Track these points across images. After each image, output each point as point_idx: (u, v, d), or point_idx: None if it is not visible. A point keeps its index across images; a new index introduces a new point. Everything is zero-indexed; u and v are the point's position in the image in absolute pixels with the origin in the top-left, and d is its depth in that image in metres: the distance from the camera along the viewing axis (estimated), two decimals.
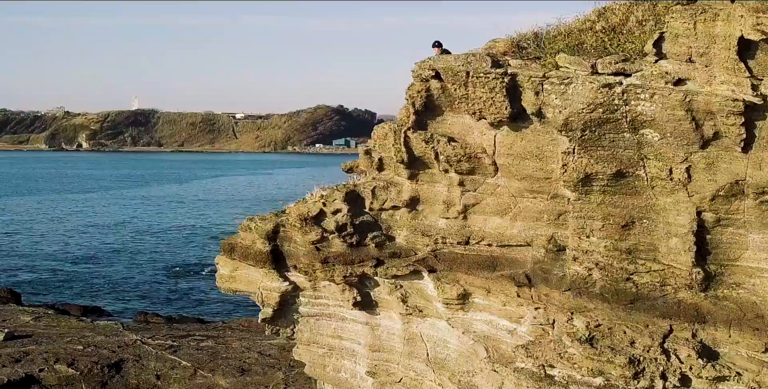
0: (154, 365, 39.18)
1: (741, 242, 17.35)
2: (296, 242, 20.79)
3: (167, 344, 42.27)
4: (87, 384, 37.42)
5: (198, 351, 41.27)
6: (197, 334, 44.72)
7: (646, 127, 16.99)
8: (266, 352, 40.97)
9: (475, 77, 17.78)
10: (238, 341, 43.15)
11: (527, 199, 18.89)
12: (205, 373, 38.27)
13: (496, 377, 18.47)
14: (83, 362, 38.96)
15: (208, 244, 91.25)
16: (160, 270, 74.89)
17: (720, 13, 15.59)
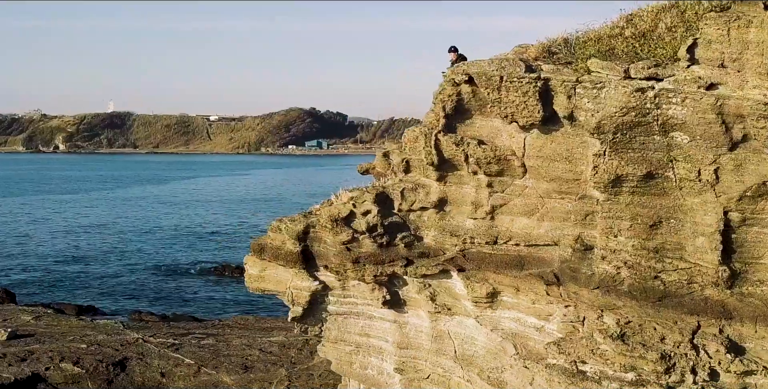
0: (158, 363, 38.92)
1: (765, 241, 17.56)
2: (326, 243, 20.67)
3: (169, 342, 41.99)
4: (93, 382, 37.10)
5: (200, 348, 41.01)
6: (197, 332, 44.46)
7: (677, 130, 17.08)
8: (267, 349, 40.80)
9: (509, 82, 17.77)
10: (238, 338, 42.94)
11: (555, 200, 18.89)
12: (209, 370, 38.05)
13: (527, 373, 18.44)
14: (88, 360, 38.63)
15: (194, 243, 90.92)
16: (149, 270, 74.36)
17: (753, 20, 15.72)
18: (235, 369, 38.01)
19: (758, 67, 15.76)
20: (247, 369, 38.06)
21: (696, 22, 16.89)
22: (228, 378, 37.01)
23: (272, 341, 42.20)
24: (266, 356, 39.82)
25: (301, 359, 39.17)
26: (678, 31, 17.13)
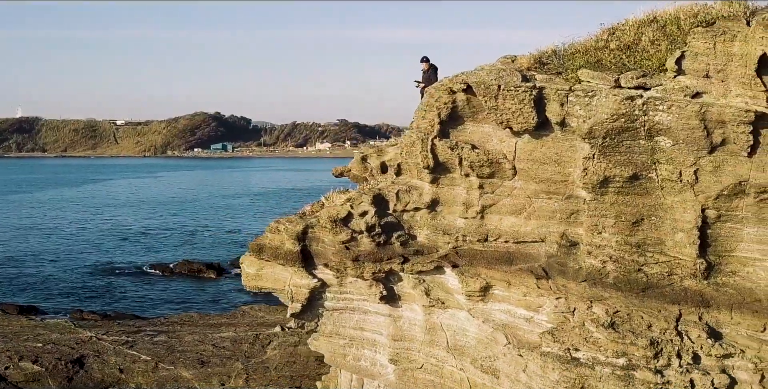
0: (115, 359, 38.15)
1: (737, 236, 18.17)
2: (324, 243, 20.62)
3: (122, 339, 41.18)
4: (54, 380, 36.20)
5: (154, 345, 40.33)
6: (148, 329, 43.65)
7: (661, 134, 17.57)
8: (220, 345, 40.32)
9: (506, 90, 18.01)
10: (189, 335, 42.30)
11: (542, 199, 19.23)
12: (166, 366, 37.45)
13: (520, 361, 18.70)
14: (47, 359, 37.65)
15: (121, 244, 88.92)
16: (81, 270, 72.37)
17: (738, 35, 16.29)
18: (192, 364, 37.49)
19: (742, 78, 16.32)
20: (204, 363, 37.57)
21: (679, 35, 17.39)
22: (187, 373, 36.50)
23: (223, 337, 41.72)
24: (220, 351, 39.35)
25: (254, 353, 38.85)
26: (662, 44, 17.58)
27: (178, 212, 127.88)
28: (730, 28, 16.39)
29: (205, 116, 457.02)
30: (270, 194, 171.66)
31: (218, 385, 35.34)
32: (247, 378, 35.66)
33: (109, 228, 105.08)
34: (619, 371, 17.61)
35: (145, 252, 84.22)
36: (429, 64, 24.75)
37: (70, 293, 63.21)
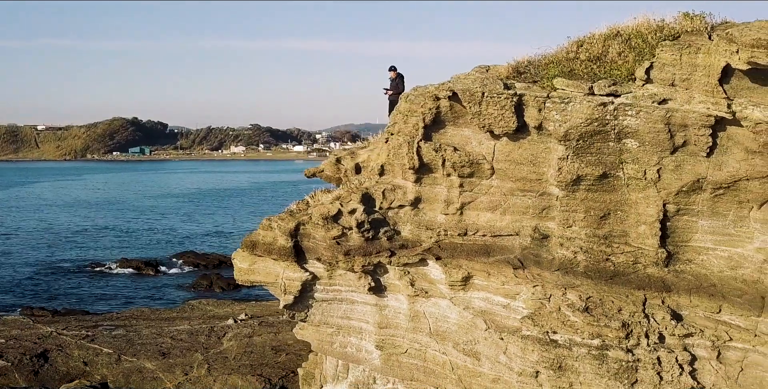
0: (78, 353, 37.33)
1: (693, 228, 18.84)
2: (316, 238, 20.63)
3: (82, 334, 40.28)
4: (20, 374, 35.26)
5: (113, 338, 39.56)
6: (105, 324, 42.75)
7: (629, 137, 18.13)
8: (177, 337, 39.78)
9: (490, 97, 18.35)
10: (146, 328, 41.60)
11: (517, 197, 19.60)
12: (129, 358, 36.83)
13: (500, 343, 19.05)
14: (11, 354, 36.62)
15: (56, 243, 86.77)
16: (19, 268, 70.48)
17: (702, 48, 16.94)
18: (154, 356, 36.93)
19: (705, 86, 17.01)
20: (165, 355, 37.04)
21: (645, 48, 18.01)
22: (150, 364, 35.94)
23: (179, 329, 41.18)
24: (179, 343, 38.84)
25: (212, 344, 38.47)
26: (629, 55, 18.16)
27: (108, 213, 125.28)
28: (694, 42, 17.03)
29: (123, 121, 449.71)
30: (194, 195, 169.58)
31: (182, 375, 34.92)
32: (209, 368, 35.30)
33: (44, 228, 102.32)
34: (594, 351, 18.09)
35: (82, 251, 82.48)
36: (396, 73, 25.03)
37: (12, 290, 61.49)
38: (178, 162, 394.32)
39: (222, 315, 45.17)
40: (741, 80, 16.72)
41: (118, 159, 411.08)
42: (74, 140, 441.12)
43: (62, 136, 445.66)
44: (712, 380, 18.06)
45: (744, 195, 18.02)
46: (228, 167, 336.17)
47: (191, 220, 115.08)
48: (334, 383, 21.30)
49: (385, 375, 20.65)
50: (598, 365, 18.10)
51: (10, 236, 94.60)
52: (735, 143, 17.54)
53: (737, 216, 18.39)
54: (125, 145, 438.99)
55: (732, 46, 16.03)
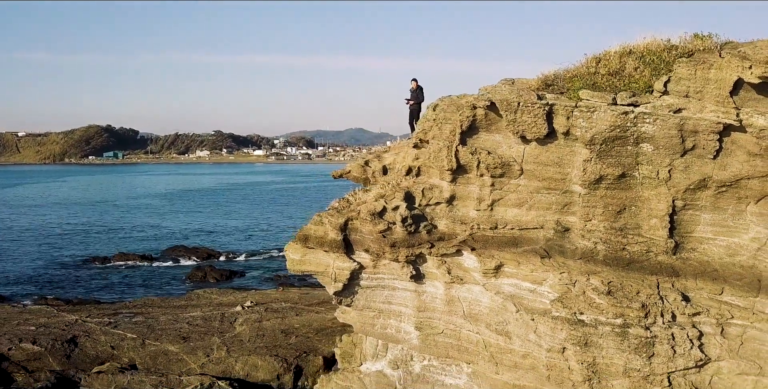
0: (104, 338, 36.70)
1: (696, 220, 19.26)
2: (362, 232, 20.63)
3: (105, 321, 39.59)
4: (54, 358, 34.60)
5: (135, 325, 38.94)
6: (124, 312, 42.05)
7: (646, 142, 18.49)
8: (193, 323, 39.29)
9: (524, 106, 18.56)
10: (163, 315, 41.01)
11: (542, 194, 19.84)
12: (152, 342, 36.32)
13: (531, 323, 19.28)
14: (43, 340, 35.89)
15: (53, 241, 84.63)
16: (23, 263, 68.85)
17: (714, 64, 17.38)
18: (175, 340, 36.47)
19: (716, 97, 17.45)
20: (185, 339, 36.59)
21: (659, 64, 18.38)
22: (173, 347, 35.50)
23: (193, 316, 40.67)
24: (195, 328, 38.39)
25: (225, 329, 38.11)
26: (646, 70, 18.50)
27: (96, 212, 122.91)
28: (708, 59, 17.46)
29: (98, 128, 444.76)
30: (171, 195, 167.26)
31: (204, 357, 34.54)
32: (228, 350, 34.98)
33: (39, 226, 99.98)
34: (618, 329, 18.41)
35: (80, 246, 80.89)
36: (417, 85, 25.10)
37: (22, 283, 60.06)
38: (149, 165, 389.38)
39: (227, 302, 44.72)
40: (748, 92, 17.20)
41: (93, 163, 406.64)
42: (53, 145, 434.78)
43: (41, 141, 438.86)
44: (717, 353, 18.51)
45: (744, 192, 18.49)
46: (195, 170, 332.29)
47: (174, 217, 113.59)
48: (373, 360, 21.30)
49: (422, 352, 20.73)
50: (620, 341, 18.42)
51: (9, 233, 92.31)
52: (738, 146, 17.99)
53: (736, 210, 18.88)
54: (100, 150, 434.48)
55: (745, 62, 16.46)
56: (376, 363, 21.23)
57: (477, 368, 20.23)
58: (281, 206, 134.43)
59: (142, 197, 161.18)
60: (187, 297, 47.26)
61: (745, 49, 16.62)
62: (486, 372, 20.07)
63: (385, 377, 21.04)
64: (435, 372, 20.65)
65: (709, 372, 18.56)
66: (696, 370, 18.52)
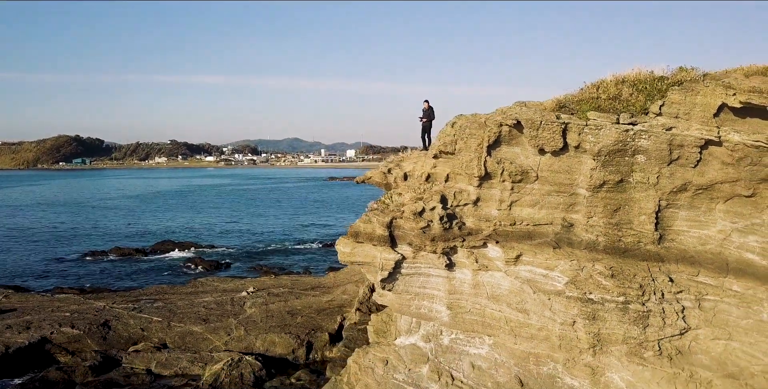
0: (133, 322, 36.01)
1: (674, 216, 20.02)
2: (405, 229, 20.75)
3: (130, 307, 38.73)
4: (92, 340, 33.86)
5: (157, 309, 38.21)
6: (144, 298, 41.13)
7: (640, 153, 19.20)
8: (208, 306, 38.80)
9: (545, 124, 19.08)
10: (179, 301, 40.29)
11: (551, 196, 20.36)
12: (177, 324, 35.74)
13: (546, 302, 19.82)
14: (80, 324, 35.02)
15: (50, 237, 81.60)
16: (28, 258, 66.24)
17: (700, 91, 18.24)
18: (197, 321, 35.99)
19: (701, 118, 18.32)
20: (206, 321, 36.15)
21: (651, 91, 19.16)
22: (196, 328, 35.03)
23: (206, 301, 40.11)
24: (211, 311, 37.91)
25: (237, 311, 37.75)
26: (640, 96, 19.25)
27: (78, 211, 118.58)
28: (695, 87, 18.32)
29: (67, 138, 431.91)
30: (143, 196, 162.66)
31: (226, 335, 34.19)
32: (246, 329, 34.69)
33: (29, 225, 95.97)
34: (620, 305, 19.08)
35: (75, 242, 78.20)
36: (429, 105, 25.42)
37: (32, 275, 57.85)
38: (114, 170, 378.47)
39: (231, 288, 44.13)
40: (727, 114, 18.10)
41: (64, 168, 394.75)
42: (26, 153, 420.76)
43: (16, 149, 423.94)
44: (696, 322, 19.35)
45: (715, 194, 19.37)
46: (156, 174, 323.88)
47: (151, 216, 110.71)
48: (407, 335, 21.50)
49: (451, 328, 21.04)
50: (622, 315, 19.10)
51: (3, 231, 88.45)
52: (714, 157, 18.88)
53: (707, 208, 19.73)
54: (69, 156, 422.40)
55: (729, 91, 17.36)
56: (410, 338, 21.42)
57: (497, 340, 20.64)
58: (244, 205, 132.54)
59: (116, 198, 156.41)
60: (193, 285, 46.40)
61: (728, 80, 17.53)
62: (506, 343, 20.52)
63: (418, 348, 21.26)
64: (461, 343, 20.97)
65: (689, 338, 19.36)
66: (679, 337, 19.28)
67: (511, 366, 20.38)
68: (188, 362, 30.35)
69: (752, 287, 19.11)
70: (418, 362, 21.17)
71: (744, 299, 19.13)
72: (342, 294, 39.68)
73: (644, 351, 19.27)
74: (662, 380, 19.08)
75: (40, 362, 31.90)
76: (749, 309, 19.11)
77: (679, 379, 19.05)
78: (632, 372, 19.29)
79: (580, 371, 19.74)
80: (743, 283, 19.21)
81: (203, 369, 29.67)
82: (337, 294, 39.89)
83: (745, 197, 18.99)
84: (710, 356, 19.25)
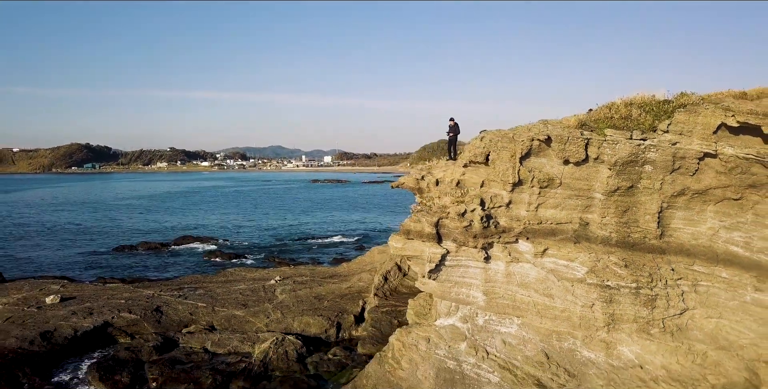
0: (181, 307, 35.64)
1: (672, 216, 20.62)
2: (449, 227, 21.01)
3: (176, 294, 38.29)
4: (148, 323, 33.45)
5: (200, 296, 37.85)
6: (186, 287, 40.67)
7: (648, 164, 19.78)
8: (244, 293, 38.55)
9: (572, 139, 19.53)
10: (218, 288, 39.95)
11: (571, 199, 20.81)
12: (221, 309, 35.46)
13: (569, 288, 20.30)
14: (136, 310, 34.58)
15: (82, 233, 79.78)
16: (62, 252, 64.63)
17: (701, 113, 18.85)
18: (238, 306, 35.77)
19: (702, 135, 18.94)
20: (245, 305, 35.94)
21: (658, 112, 19.72)
22: (238, 312, 34.83)
23: (240, 288, 39.84)
24: (248, 297, 37.69)
25: (271, 297, 37.60)
26: (648, 116, 19.80)
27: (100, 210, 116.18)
28: (697, 109, 18.92)
29: (79, 145, 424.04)
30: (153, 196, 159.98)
31: (265, 318, 34.06)
32: (282, 313, 34.59)
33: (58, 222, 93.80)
34: (633, 290, 19.64)
35: (106, 238, 76.62)
36: (455, 122, 25.71)
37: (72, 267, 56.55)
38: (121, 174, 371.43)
39: (258, 277, 43.87)
40: (724, 132, 18.73)
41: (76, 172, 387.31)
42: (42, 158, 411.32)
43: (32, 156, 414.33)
44: (692, 304, 20.00)
45: (708, 197, 20.03)
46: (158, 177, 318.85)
47: (166, 214, 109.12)
48: (446, 317, 21.78)
49: (485, 310, 21.36)
50: (634, 298, 19.66)
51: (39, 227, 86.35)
52: (710, 167, 19.53)
53: (700, 209, 20.38)
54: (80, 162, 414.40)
55: (728, 112, 17.98)
56: (449, 319, 21.70)
57: (525, 320, 21.03)
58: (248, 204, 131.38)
59: (129, 198, 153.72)
60: (223, 274, 46.00)
61: (727, 103, 18.17)
62: (532, 323, 20.92)
63: (456, 328, 21.55)
64: (493, 323, 21.31)
65: (687, 317, 20.01)
66: (679, 316, 19.92)
67: (537, 342, 20.77)
68: (238, 342, 30.20)
69: (738, 274, 19.78)
70: (457, 339, 21.44)
71: (731, 284, 19.79)
72: (358, 281, 39.78)
73: (651, 328, 19.82)
74: (666, 352, 19.65)
75: (102, 343, 31.45)
76: (735, 292, 19.78)
77: (680, 351, 19.64)
78: (641, 346, 19.82)
79: (596, 345, 20.21)
80: (730, 271, 19.86)
81: (252, 348, 29.56)
82: (354, 281, 39.97)
83: (733, 199, 19.62)
84: (703, 332, 19.88)
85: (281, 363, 28.04)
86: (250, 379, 26.27)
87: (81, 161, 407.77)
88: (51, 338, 30.17)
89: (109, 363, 27.54)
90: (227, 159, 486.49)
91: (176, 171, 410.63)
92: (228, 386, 25.78)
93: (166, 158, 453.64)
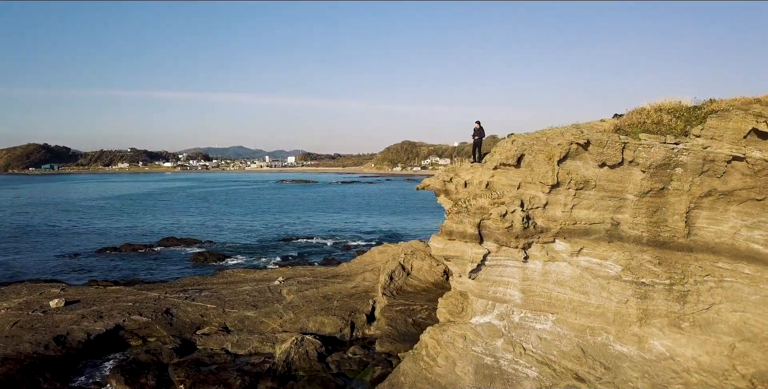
0: (191, 309, 35.12)
1: (698, 215, 21.22)
2: (491, 228, 21.26)
3: (182, 296, 37.67)
4: (159, 326, 32.88)
5: (207, 298, 37.31)
6: (190, 289, 39.97)
7: (679, 167, 20.44)
8: (251, 294, 38.16)
9: (610, 143, 20.06)
10: (223, 290, 39.41)
11: (603, 200, 21.37)
12: (231, 310, 35.04)
13: (605, 285, 20.82)
14: (146, 312, 33.94)
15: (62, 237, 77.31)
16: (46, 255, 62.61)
17: (732, 118, 19.59)
18: (247, 307, 35.41)
19: (731, 139, 19.68)
20: (255, 306, 35.61)
21: (689, 118, 20.42)
22: (250, 313, 34.50)
23: (246, 289, 39.40)
24: (255, 298, 37.34)
25: (279, 298, 37.33)
26: (679, 122, 20.47)
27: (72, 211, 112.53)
28: (728, 115, 19.65)
29: (36, 146, 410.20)
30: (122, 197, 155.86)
31: (278, 319, 33.82)
32: (294, 313, 34.38)
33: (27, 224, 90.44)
34: (666, 287, 20.27)
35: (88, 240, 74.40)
36: (480, 125, 26.03)
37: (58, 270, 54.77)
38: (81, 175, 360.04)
39: (260, 278, 43.45)
40: (752, 136, 19.50)
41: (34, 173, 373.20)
42: None
43: None
44: (719, 299, 20.72)
45: (733, 198, 20.77)
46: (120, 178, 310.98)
47: (142, 215, 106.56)
48: (482, 315, 22.08)
49: (521, 308, 21.73)
50: (667, 294, 20.30)
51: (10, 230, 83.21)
52: (736, 170, 20.27)
53: (723, 209, 21.09)
54: (38, 162, 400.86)
55: (760, 118, 18.76)
56: (485, 317, 22.00)
57: (560, 316, 21.49)
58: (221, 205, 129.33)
59: (98, 199, 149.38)
60: (222, 275, 45.39)
61: (758, 109, 18.96)
62: (567, 319, 21.39)
63: (493, 326, 21.87)
64: (529, 321, 21.71)
65: (713, 311, 20.73)
66: (707, 310, 20.64)
67: (572, 337, 21.25)
68: (258, 342, 29.93)
69: (760, 270, 20.58)
70: (493, 336, 21.76)
71: (754, 279, 20.59)
72: (363, 280, 39.80)
73: (682, 323, 20.49)
74: (695, 345, 20.35)
75: (115, 346, 30.74)
76: (758, 286, 20.58)
77: (709, 343, 20.36)
78: (672, 340, 20.48)
79: (628, 340, 20.79)
80: (753, 267, 20.65)
81: (272, 348, 29.33)
82: (358, 281, 39.97)
83: (756, 200, 20.44)
84: (729, 324, 20.64)
85: (303, 363, 27.90)
86: (278, 379, 26.09)
87: (39, 161, 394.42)
88: (65, 342, 29.33)
89: (132, 367, 26.95)
90: (190, 160, 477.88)
91: (138, 172, 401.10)
92: (256, 386, 25.54)
93: (128, 158, 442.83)
